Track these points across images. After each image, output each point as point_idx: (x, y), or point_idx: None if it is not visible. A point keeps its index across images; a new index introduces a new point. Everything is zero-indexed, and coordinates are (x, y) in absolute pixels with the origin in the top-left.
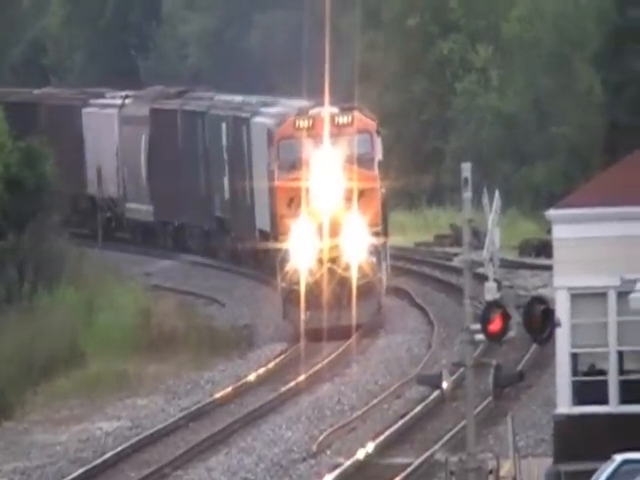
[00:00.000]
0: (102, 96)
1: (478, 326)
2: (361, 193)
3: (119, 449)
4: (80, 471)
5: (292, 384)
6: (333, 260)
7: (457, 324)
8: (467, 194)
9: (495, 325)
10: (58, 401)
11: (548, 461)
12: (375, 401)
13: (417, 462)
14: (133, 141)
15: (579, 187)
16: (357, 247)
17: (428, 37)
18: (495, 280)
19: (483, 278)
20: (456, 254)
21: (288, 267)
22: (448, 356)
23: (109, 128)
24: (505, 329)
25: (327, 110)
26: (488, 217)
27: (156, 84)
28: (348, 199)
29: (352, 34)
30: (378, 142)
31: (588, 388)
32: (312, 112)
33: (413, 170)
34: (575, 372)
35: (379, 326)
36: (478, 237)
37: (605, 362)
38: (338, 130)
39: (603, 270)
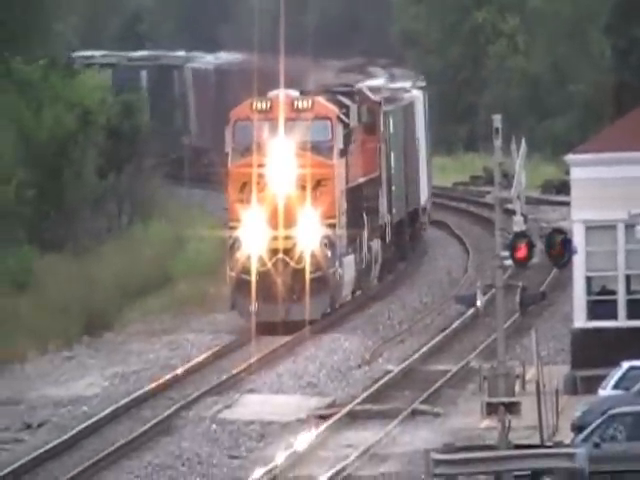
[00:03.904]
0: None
1: (507, 253)
2: (317, 182)
3: (202, 357)
4: (169, 376)
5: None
6: (285, 251)
7: (489, 252)
8: (497, 142)
9: (521, 252)
10: (151, 317)
11: (566, 368)
12: (420, 317)
13: (455, 369)
14: None
15: (593, 136)
16: (310, 238)
17: (464, 8)
18: (522, 214)
19: (511, 213)
20: (488, 192)
21: (239, 255)
22: (482, 279)
23: None
24: (530, 256)
25: (283, 93)
26: (515, 161)
27: (234, 50)
28: (302, 188)
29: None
30: (339, 130)
31: (600, 306)
32: (271, 94)
33: (452, 122)
34: (589, 292)
35: (424, 253)
36: (507, 178)
37: (615, 284)
38: (296, 115)
39: (613, 206)
